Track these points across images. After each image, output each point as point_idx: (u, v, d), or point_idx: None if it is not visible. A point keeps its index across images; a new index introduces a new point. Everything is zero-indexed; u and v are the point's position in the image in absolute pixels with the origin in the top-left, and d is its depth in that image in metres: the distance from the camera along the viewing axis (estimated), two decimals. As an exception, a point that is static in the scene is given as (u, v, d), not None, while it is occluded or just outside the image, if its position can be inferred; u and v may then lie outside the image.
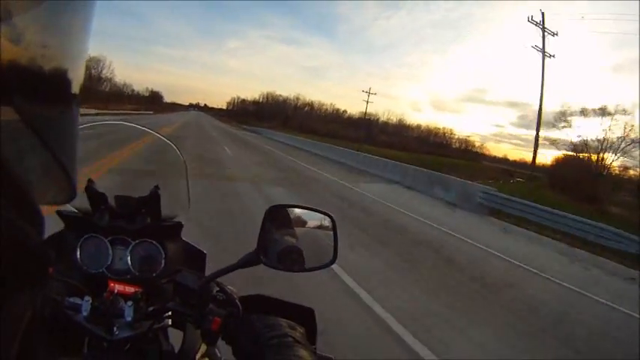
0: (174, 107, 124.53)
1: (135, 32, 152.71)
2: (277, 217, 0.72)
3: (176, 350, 0.73)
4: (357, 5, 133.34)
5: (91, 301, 0.69)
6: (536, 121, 26.93)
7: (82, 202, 0.87)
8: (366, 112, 57.51)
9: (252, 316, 0.65)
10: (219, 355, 0.74)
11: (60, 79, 0.24)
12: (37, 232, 0.22)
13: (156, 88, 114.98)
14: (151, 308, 0.72)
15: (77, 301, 0.71)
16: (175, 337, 0.75)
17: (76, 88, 0.26)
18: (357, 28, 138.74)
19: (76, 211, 0.89)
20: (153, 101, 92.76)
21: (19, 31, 0.20)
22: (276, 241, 0.70)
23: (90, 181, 0.86)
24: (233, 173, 9.08)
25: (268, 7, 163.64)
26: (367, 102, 52.60)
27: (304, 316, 0.68)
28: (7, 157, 0.20)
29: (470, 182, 11.49)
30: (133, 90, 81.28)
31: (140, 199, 0.88)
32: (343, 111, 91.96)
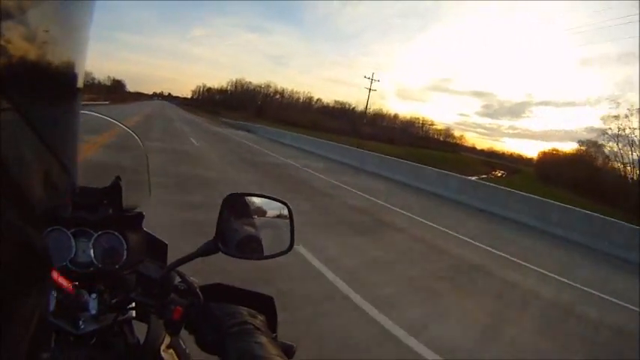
0: (138, 97, 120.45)
1: (98, 17, 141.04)
2: (236, 205, 0.73)
3: (141, 342, 0.74)
4: None
5: (55, 295, 0.69)
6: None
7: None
8: (367, 103, 51.10)
9: (213, 304, 0.67)
10: (183, 345, 0.76)
11: (60, 78, 0.26)
12: (37, 233, 0.23)
13: (120, 77, 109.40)
14: (114, 300, 0.73)
15: None
16: (140, 330, 0.77)
17: (76, 88, 0.27)
18: (323, 15, 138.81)
19: None
20: (115, 90, 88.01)
21: (19, 31, 0.21)
22: (236, 230, 0.72)
23: None
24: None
25: None
26: (370, 90, 44.18)
27: (264, 304, 0.70)
28: (7, 157, 0.21)
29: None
30: (93, 78, 75.09)
31: (102, 189, 0.87)
32: (317, 99, 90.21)
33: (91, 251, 0.84)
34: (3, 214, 0.19)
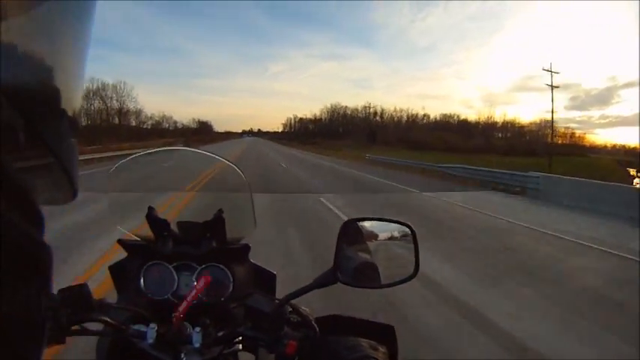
0: (227, 136, 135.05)
1: (178, 67, 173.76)
2: (352, 232, 0.70)
3: None
4: (391, 10, 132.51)
5: (156, 328, 0.71)
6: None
7: (143, 229, 0.91)
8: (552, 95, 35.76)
9: (330, 337, 0.64)
10: None
11: (61, 78, 0.26)
12: (37, 233, 0.23)
13: (205, 119, 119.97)
14: (220, 333, 0.73)
15: (142, 328, 0.73)
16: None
17: (77, 88, 0.28)
18: (395, 32, 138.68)
19: (138, 239, 0.92)
20: (200, 132, 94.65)
21: (20, 32, 0.21)
22: (352, 257, 0.69)
23: (150, 208, 0.89)
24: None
25: (302, 26, 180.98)
26: (552, 87, 32.92)
27: (384, 334, 0.66)
28: (7, 157, 0.21)
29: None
30: (175, 122, 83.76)
31: (204, 223, 0.89)
32: (424, 115, 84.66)
33: (195, 284, 0.84)
34: (3, 214, 0.20)
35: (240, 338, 0.72)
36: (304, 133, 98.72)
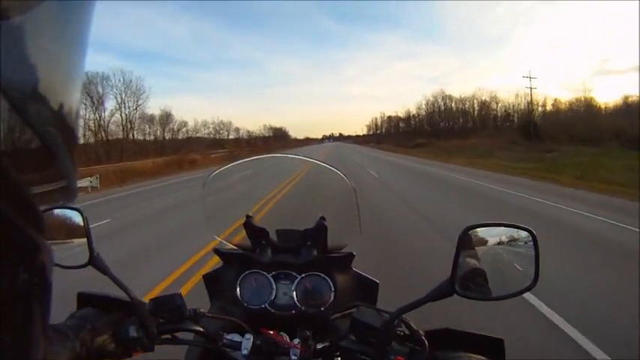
0: (307, 142, 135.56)
1: (253, 79, 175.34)
2: (470, 239, 0.68)
3: None
4: (457, 3, 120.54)
5: (252, 338, 0.72)
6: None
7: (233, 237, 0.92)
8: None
9: (439, 353, 0.63)
10: None
11: (60, 79, 0.27)
12: (36, 233, 0.24)
13: (283, 126, 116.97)
14: (320, 346, 0.72)
15: (236, 338, 0.74)
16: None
17: (75, 89, 0.29)
18: (466, 24, 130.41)
19: (235, 248, 0.96)
20: (271, 140, 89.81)
21: (20, 32, 0.22)
22: (469, 267, 0.66)
23: (248, 217, 0.92)
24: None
25: (370, 28, 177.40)
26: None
27: (493, 348, 0.64)
28: (6, 157, 0.22)
29: None
30: (248, 131, 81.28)
31: (305, 231, 0.90)
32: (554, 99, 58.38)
33: (294, 293, 0.85)
34: (3, 215, 0.21)
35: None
36: (396, 134, 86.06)
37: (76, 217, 0.73)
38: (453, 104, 70.72)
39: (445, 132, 64.58)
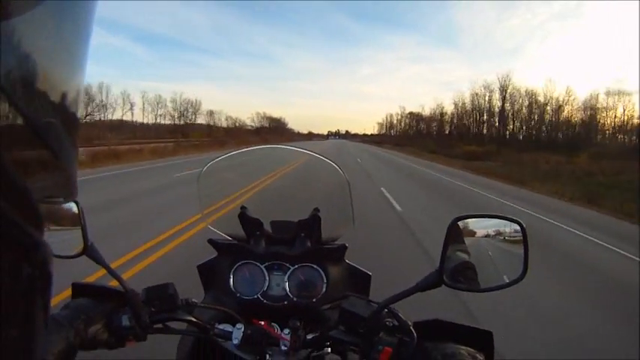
0: (310, 137, 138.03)
1: (267, 71, 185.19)
2: (457, 230, 0.68)
3: None
4: (474, 11, 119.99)
5: (243, 328, 0.73)
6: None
7: (232, 228, 0.91)
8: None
9: (427, 343, 0.63)
10: None
11: (61, 77, 0.27)
12: (36, 232, 0.24)
13: (285, 118, 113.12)
14: (310, 336, 0.73)
15: (228, 328, 0.74)
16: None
17: (77, 88, 0.29)
18: (481, 35, 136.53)
19: (229, 238, 0.96)
20: (263, 131, 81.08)
21: (20, 32, 0.22)
22: (456, 258, 0.66)
23: (243, 207, 0.92)
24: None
25: (388, 29, 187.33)
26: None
27: (482, 340, 0.64)
28: (7, 156, 0.22)
29: None
30: (229, 118, 76.34)
31: (298, 222, 0.91)
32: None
33: (286, 284, 0.86)
34: (3, 214, 0.21)
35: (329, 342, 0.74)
36: (417, 135, 71.65)
37: (71, 207, 0.73)
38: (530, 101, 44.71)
39: (515, 139, 43.27)
